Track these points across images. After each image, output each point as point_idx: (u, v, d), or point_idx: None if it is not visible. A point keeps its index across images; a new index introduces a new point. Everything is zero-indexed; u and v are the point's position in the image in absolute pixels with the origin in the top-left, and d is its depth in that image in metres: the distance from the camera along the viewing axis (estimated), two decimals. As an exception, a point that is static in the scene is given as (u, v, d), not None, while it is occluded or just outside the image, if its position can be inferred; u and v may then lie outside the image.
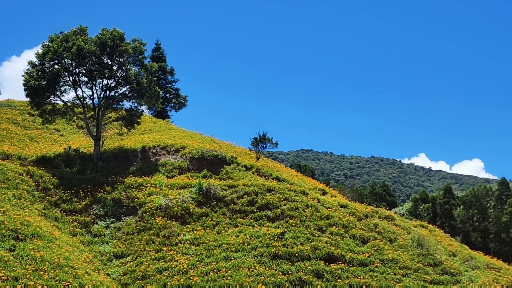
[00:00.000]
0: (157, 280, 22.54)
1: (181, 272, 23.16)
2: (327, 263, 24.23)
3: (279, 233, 26.20)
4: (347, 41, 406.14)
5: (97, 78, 36.44)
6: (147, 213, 28.98)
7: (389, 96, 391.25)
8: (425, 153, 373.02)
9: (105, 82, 37.18)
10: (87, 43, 35.75)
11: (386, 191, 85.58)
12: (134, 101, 38.93)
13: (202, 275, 22.67)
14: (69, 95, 38.20)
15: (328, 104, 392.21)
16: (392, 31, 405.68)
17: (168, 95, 68.84)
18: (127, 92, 37.66)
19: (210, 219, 28.67)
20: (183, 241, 26.33)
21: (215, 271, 22.91)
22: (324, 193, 36.85)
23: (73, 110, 39.38)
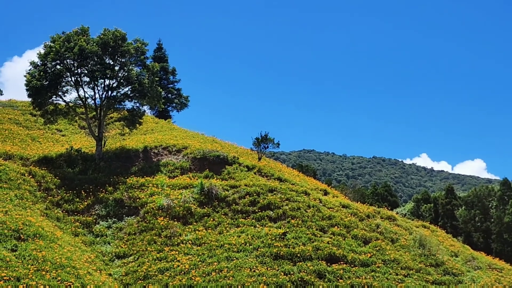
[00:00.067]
0: (159, 280, 22.55)
1: (183, 272, 23.17)
2: (329, 264, 24.22)
3: (281, 233, 26.19)
4: (349, 41, 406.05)
5: (99, 78, 36.49)
6: (149, 213, 29.01)
7: (390, 96, 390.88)
8: (427, 153, 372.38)
9: (107, 82, 37.26)
10: (89, 44, 35.78)
11: (388, 191, 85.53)
12: (136, 101, 38.96)
13: (204, 275, 22.68)
14: (71, 95, 38.44)
15: (329, 104, 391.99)
16: (393, 31, 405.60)
17: (170, 95, 68.90)
18: (129, 92, 37.70)
19: (212, 219, 28.68)
20: (185, 241, 26.34)
21: (217, 271, 22.91)
22: (326, 193, 36.82)
23: (75, 110, 39.42)
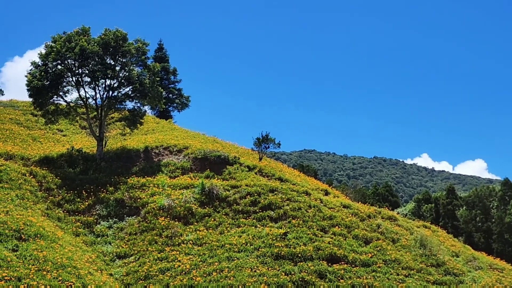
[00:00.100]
0: (160, 280, 22.56)
1: (183, 272, 23.17)
2: (329, 264, 24.21)
3: (281, 234, 26.18)
4: (350, 41, 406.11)
5: (100, 78, 36.51)
6: (150, 214, 29.01)
7: (391, 96, 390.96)
8: (428, 154, 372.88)
9: (108, 82, 37.28)
10: (90, 44, 35.80)
11: (388, 191, 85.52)
12: (137, 102, 38.96)
13: (204, 275, 22.68)
14: (72, 96, 38.37)
15: (330, 104, 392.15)
16: (394, 31, 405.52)
17: (171, 95, 68.91)
18: (130, 92, 37.72)
19: (212, 219, 28.68)
20: (185, 241, 26.34)
21: (217, 271, 22.91)
22: (326, 193, 36.79)
23: (76, 110, 39.44)
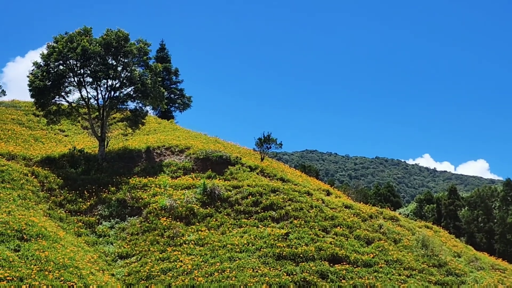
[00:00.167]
0: (161, 280, 22.56)
1: (185, 272, 23.18)
2: (331, 264, 24.21)
3: (283, 234, 26.18)
4: (352, 43, 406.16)
5: (101, 78, 36.52)
6: (152, 214, 29.01)
7: (393, 97, 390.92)
8: (430, 154, 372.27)
9: (110, 82, 37.25)
10: (92, 44, 35.81)
11: (390, 191, 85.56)
12: (138, 102, 38.97)
13: (206, 276, 22.68)
14: (74, 96, 38.45)
15: (332, 105, 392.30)
16: (396, 32, 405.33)
17: (172, 95, 68.96)
18: (132, 92, 37.72)
19: (214, 220, 28.67)
20: (187, 242, 26.35)
21: (219, 271, 22.91)
22: (328, 193, 36.76)
23: (78, 110, 39.44)
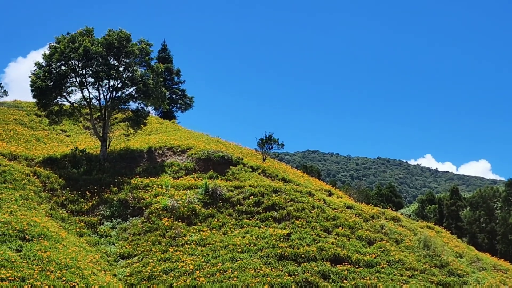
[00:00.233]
0: (163, 280, 22.58)
1: (187, 272, 23.19)
2: (333, 264, 24.20)
3: (285, 234, 26.18)
4: (353, 43, 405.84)
5: (103, 79, 36.53)
6: (154, 214, 29.02)
7: (395, 97, 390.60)
8: (432, 154, 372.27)
9: (112, 83, 37.28)
10: (94, 44, 35.84)
11: (392, 192, 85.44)
12: (140, 102, 38.97)
13: (208, 276, 22.69)
14: (76, 96, 38.34)
15: (334, 105, 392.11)
16: (397, 32, 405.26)
17: (174, 96, 68.98)
18: (134, 93, 37.74)
19: (216, 220, 28.67)
20: (189, 242, 26.35)
21: (221, 271, 22.92)
22: (330, 194, 36.78)
23: (80, 111, 39.46)
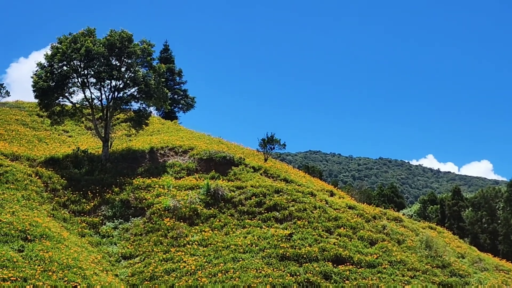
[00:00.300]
0: (165, 281, 22.58)
1: (189, 273, 23.19)
2: (335, 265, 24.19)
3: (287, 234, 26.18)
4: (354, 43, 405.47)
5: (105, 79, 36.58)
6: (155, 214, 29.04)
7: (396, 97, 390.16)
8: (433, 155, 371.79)
9: (114, 83, 37.33)
10: (96, 45, 35.88)
11: (394, 192, 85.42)
12: (142, 102, 38.99)
13: (210, 276, 22.70)
14: (78, 96, 38.52)
15: (335, 105, 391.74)
16: (398, 33, 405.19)
17: (176, 96, 69.05)
18: (135, 93, 37.76)
19: (218, 220, 28.67)
20: (191, 242, 26.36)
21: (223, 272, 22.92)
22: (332, 194, 36.76)
23: (82, 111, 39.51)
